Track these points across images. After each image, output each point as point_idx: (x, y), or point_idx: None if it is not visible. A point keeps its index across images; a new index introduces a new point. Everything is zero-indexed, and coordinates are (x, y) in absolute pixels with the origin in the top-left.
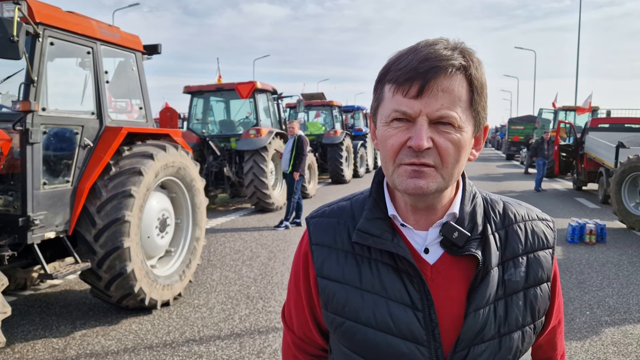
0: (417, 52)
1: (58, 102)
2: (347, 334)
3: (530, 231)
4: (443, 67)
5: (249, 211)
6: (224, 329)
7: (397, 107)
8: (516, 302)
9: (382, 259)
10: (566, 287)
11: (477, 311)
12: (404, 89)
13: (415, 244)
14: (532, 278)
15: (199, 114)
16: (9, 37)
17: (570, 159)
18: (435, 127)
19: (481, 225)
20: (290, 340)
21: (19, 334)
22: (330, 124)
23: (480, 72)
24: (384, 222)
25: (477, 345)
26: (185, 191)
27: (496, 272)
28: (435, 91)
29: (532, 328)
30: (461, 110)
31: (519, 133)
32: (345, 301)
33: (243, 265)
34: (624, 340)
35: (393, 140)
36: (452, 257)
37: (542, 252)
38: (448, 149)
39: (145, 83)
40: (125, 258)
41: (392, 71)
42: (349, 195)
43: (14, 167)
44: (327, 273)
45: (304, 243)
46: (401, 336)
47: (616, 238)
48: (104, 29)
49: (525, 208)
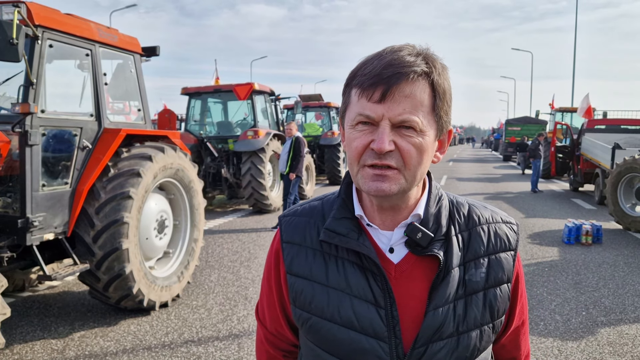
0: (382, 57)
1: (57, 104)
2: (313, 329)
3: (493, 233)
4: (405, 73)
5: (246, 212)
6: (222, 330)
7: (362, 111)
8: (476, 301)
9: (349, 258)
10: (562, 287)
11: (437, 309)
12: (368, 93)
13: (380, 243)
14: (492, 279)
15: (197, 116)
16: (8, 40)
17: (567, 160)
18: (398, 130)
19: (445, 226)
20: (262, 336)
21: (17, 335)
22: (327, 125)
23: (443, 78)
24: (351, 222)
25: (436, 343)
26: (184, 192)
27: (457, 272)
28: (398, 96)
29: (490, 327)
30: (423, 114)
31: (516, 134)
32: (312, 297)
33: (241, 267)
34: (620, 340)
35: (357, 142)
36: (416, 257)
37: (504, 254)
38: (410, 152)
39: (144, 85)
40: (124, 259)
41: (358, 76)
42: (322, 195)
43: (13, 169)
44: (295, 270)
45: (275, 241)
46: (363, 332)
47: (612, 239)
48: (102, 31)
49: (490, 211)
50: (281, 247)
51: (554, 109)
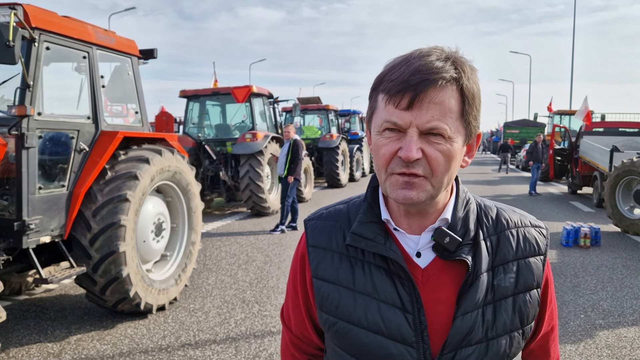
0: (410, 63)
1: (54, 106)
2: (339, 333)
3: (522, 238)
4: (434, 80)
5: (244, 215)
6: (219, 333)
7: (389, 118)
8: (505, 307)
9: (375, 262)
10: (561, 290)
11: (465, 315)
12: (396, 100)
13: (407, 247)
14: (521, 284)
15: (195, 118)
16: (5, 42)
17: (565, 162)
18: (426, 137)
19: (473, 231)
20: (288, 340)
21: (13, 338)
22: (326, 128)
23: (472, 82)
24: (378, 226)
25: (464, 348)
26: (181, 195)
27: (486, 277)
28: (426, 103)
29: (520, 333)
30: (452, 121)
31: (515, 137)
32: (339, 302)
33: (239, 269)
34: (618, 343)
35: (385, 149)
36: (444, 262)
37: (533, 259)
38: (438, 160)
39: (141, 87)
40: (121, 262)
41: (385, 81)
42: (347, 199)
43: (9, 172)
44: (322, 274)
45: (301, 245)
46: (391, 337)
47: (610, 241)
48: (99, 34)
49: (518, 214)
50: (307, 251)
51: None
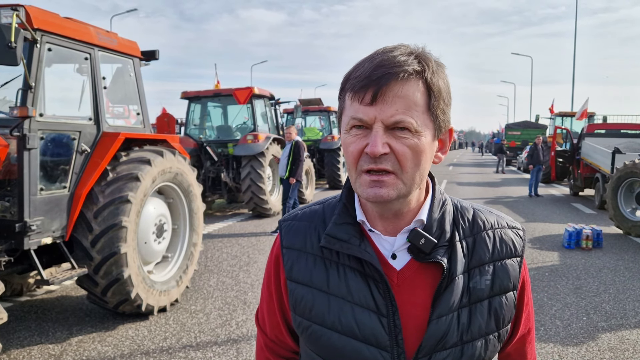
0: (373, 59)
1: (55, 107)
2: (313, 337)
3: (498, 239)
4: (395, 73)
5: (246, 217)
6: (220, 335)
7: (354, 115)
8: (480, 310)
9: (350, 264)
10: (563, 292)
11: (440, 318)
12: (360, 96)
13: (383, 249)
14: (497, 286)
15: (197, 120)
16: (6, 43)
17: (567, 164)
18: (392, 132)
19: (449, 232)
20: (262, 343)
21: (15, 340)
22: (327, 130)
23: (438, 77)
24: (353, 227)
25: (439, 352)
26: (183, 197)
27: (461, 279)
28: (389, 97)
29: (496, 336)
30: (417, 114)
31: (516, 138)
32: (312, 305)
33: (240, 271)
34: (621, 345)
35: (352, 147)
36: (419, 264)
37: (510, 261)
38: (405, 154)
39: (143, 89)
40: (122, 264)
41: (351, 79)
42: (323, 199)
43: (11, 173)
44: (296, 276)
45: (275, 246)
46: (365, 341)
47: (612, 243)
48: (101, 35)
49: (495, 216)
50: (281, 252)
51: (553, 113)
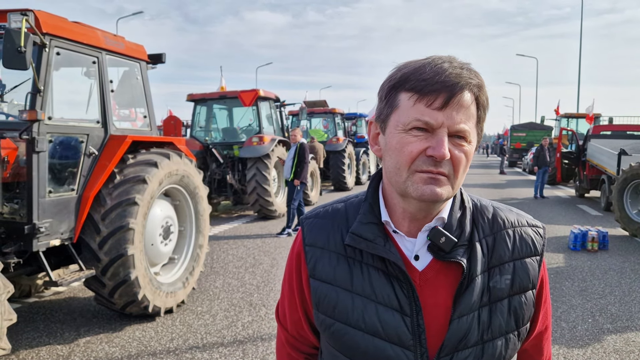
0: (438, 66)
1: (64, 110)
2: (336, 335)
3: (518, 237)
4: (466, 84)
5: (251, 218)
6: (226, 336)
7: (420, 117)
8: (500, 309)
9: (374, 263)
10: (568, 294)
11: (461, 318)
12: (429, 99)
13: (406, 250)
14: (517, 285)
15: (202, 122)
16: (16, 48)
17: (573, 166)
18: (452, 139)
19: (469, 231)
20: (284, 339)
21: (23, 340)
22: (332, 131)
23: (485, 92)
24: (378, 227)
25: (461, 351)
26: (189, 199)
27: (481, 279)
28: (458, 105)
29: (516, 335)
30: (472, 125)
31: (521, 140)
32: (336, 303)
33: (246, 273)
34: (626, 348)
35: (411, 147)
36: (440, 264)
37: (529, 259)
38: (461, 161)
39: (150, 92)
40: (129, 265)
41: (414, 80)
42: (344, 198)
43: (20, 176)
44: (319, 274)
45: (297, 243)
46: (388, 340)
47: (618, 245)
48: (109, 39)
49: (515, 214)
50: (303, 249)
51: (559, 114)
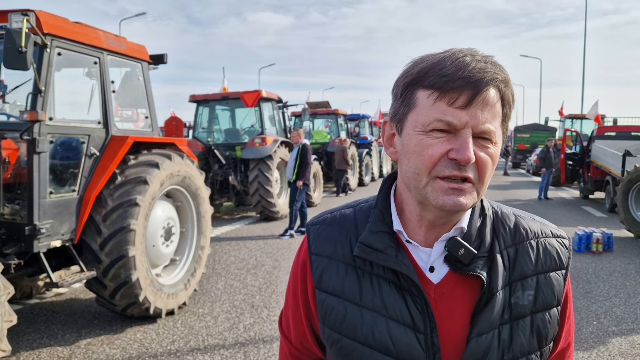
0: (459, 59)
1: (65, 111)
2: (343, 351)
3: (542, 249)
4: (492, 79)
5: (253, 220)
6: (228, 338)
7: (442, 117)
8: (522, 327)
9: (385, 275)
10: (573, 296)
11: (480, 336)
12: (452, 97)
13: (420, 261)
14: (540, 302)
15: (205, 123)
16: (17, 48)
17: (577, 167)
18: (476, 140)
19: (489, 242)
20: (287, 350)
21: (24, 342)
22: (335, 133)
23: (510, 87)
24: (389, 237)
25: None
26: (191, 200)
27: (502, 294)
28: (483, 103)
29: (538, 355)
30: (497, 125)
31: (525, 141)
32: (344, 317)
33: (248, 274)
34: (632, 350)
35: (433, 150)
36: (457, 276)
37: (554, 274)
38: (487, 164)
39: (151, 92)
40: (131, 267)
41: (433, 76)
42: (353, 202)
43: (20, 176)
44: (325, 286)
45: (302, 251)
46: (400, 358)
47: (623, 247)
48: (110, 39)
49: (538, 223)
50: (309, 258)
51: (563, 115)
